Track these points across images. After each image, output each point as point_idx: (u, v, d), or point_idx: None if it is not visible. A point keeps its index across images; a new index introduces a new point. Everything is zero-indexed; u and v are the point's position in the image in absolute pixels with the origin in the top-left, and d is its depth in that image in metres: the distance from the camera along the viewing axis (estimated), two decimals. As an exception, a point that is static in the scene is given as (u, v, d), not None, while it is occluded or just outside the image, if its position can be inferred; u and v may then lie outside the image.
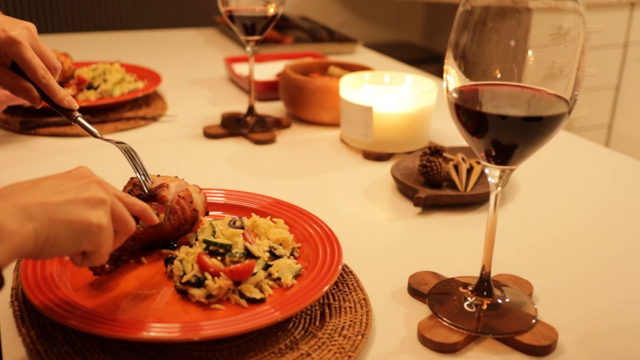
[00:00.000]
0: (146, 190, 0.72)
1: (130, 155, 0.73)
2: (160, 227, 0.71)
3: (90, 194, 0.54)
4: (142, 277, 0.68)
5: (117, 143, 0.75)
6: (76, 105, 0.76)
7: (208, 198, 0.83)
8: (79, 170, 0.58)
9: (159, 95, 1.37)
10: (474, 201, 0.90)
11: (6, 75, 0.75)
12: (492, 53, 0.55)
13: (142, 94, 1.29)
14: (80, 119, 0.76)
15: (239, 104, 1.32)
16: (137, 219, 0.62)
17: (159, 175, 0.75)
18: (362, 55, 1.84)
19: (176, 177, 0.76)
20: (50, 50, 0.76)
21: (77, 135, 1.12)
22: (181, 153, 1.08)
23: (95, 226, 0.54)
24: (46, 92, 0.75)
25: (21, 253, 0.49)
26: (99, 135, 0.76)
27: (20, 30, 0.73)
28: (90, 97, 1.25)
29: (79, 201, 0.53)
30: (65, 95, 0.75)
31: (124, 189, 0.73)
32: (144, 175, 0.73)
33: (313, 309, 0.65)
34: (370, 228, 0.84)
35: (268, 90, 1.34)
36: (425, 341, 0.61)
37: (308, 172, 1.02)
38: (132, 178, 0.74)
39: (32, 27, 0.75)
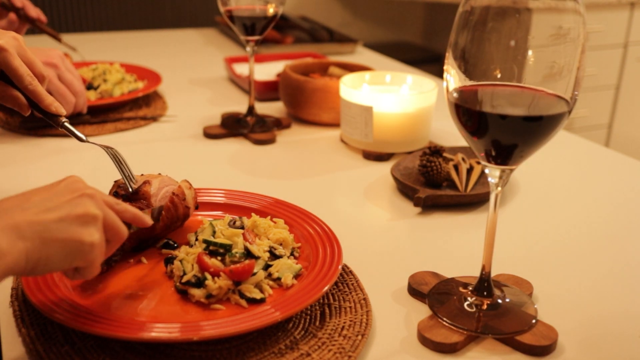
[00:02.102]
0: (130, 190, 0.73)
1: (117, 159, 0.74)
2: (152, 227, 0.71)
3: (81, 210, 0.54)
4: (142, 277, 0.68)
5: (105, 147, 0.75)
6: (63, 112, 0.77)
7: (208, 198, 0.83)
8: (69, 181, 0.57)
9: (159, 95, 1.37)
10: (474, 201, 0.90)
11: None
12: (492, 53, 0.55)
13: (142, 94, 1.29)
14: (66, 124, 0.77)
15: (239, 104, 1.33)
16: (129, 224, 0.62)
17: (142, 175, 0.76)
18: (362, 55, 1.84)
19: (159, 174, 0.77)
20: (37, 59, 0.77)
21: (77, 135, 1.12)
22: (181, 153, 1.08)
23: (88, 244, 0.54)
24: (33, 99, 0.76)
25: (12, 272, 0.50)
26: (84, 139, 0.77)
27: (8, 39, 0.74)
28: (90, 97, 1.25)
29: (70, 219, 0.53)
30: (53, 102, 0.77)
31: (110, 192, 0.74)
32: (129, 177, 0.73)
33: (313, 309, 0.65)
34: (370, 228, 0.84)
35: (268, 90, 1.34)
36: (425, 341, 0.61)
37: (308, 172, 1.02)
38: (116, 181, 0.75)
39: (19, 37, 0.76)
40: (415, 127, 1.06)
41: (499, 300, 0.65)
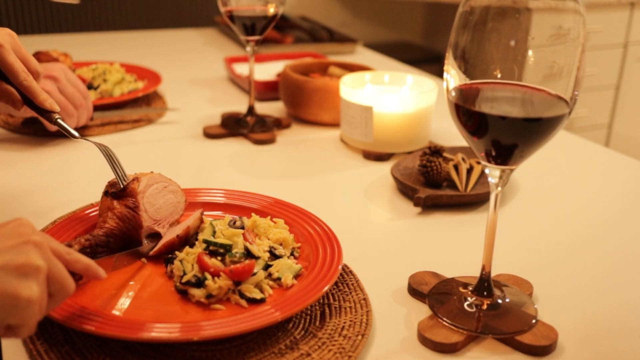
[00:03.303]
0: (121, 186, 0.73)
1: (109, 156, 0.74)
2: (145, 250, 0.72)
3: (23, 260, 0.48)
4: (142, 277, 0.68)
5: (98, 145, 0.76)
6: (57, 108, 0.77)
7: (208, 198, 0.83)
8: (15, 224, 0.51)
9: (159, 95, 1.37)
10: (474, 201, 0.90)
11: None
12: (492, 53, 0.55)
13: (142, 94, 1.29)
14: (59, 120, 0.77)
15: (239, 104, 1.33)
16: (79, 276, 0.59)
17: (135, 174, 0.76)
18: (362, 55, 1.84)
19: (152, 172, 0.77)
20: (31, 55, 0.78)
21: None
22: (181, 153, 1.08)
23: (24, 300, 0.47)
24: (28, 95, 0.76)
25: None
26: (77, 135, 0.77)
27: (2, 35, 0.74)
28: (90, 97, 1.25)
29: (9, 269, 0.47)
30: (47, 98, 0.76)
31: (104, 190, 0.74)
32: (121, 175, 0.74)
33: (313, 309, 0.65)
34: (370, 228, 0.84)
35: (268, 90, 1.34)
36: (425, 341, 0.61)
37: (308, 172, 1.02)
38: (110, 180, 0.76)
39: (13, 33, 0.76)
40: (415, 127, 1.06)
41: (499, 300, 0.65)
